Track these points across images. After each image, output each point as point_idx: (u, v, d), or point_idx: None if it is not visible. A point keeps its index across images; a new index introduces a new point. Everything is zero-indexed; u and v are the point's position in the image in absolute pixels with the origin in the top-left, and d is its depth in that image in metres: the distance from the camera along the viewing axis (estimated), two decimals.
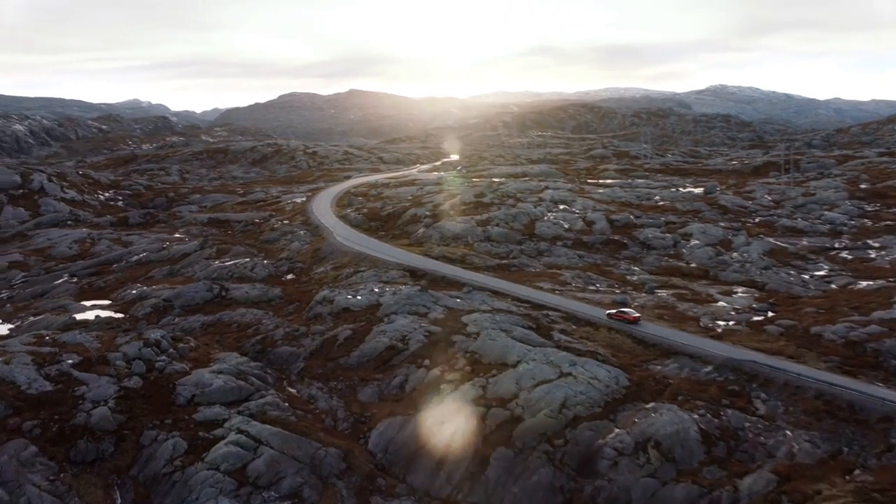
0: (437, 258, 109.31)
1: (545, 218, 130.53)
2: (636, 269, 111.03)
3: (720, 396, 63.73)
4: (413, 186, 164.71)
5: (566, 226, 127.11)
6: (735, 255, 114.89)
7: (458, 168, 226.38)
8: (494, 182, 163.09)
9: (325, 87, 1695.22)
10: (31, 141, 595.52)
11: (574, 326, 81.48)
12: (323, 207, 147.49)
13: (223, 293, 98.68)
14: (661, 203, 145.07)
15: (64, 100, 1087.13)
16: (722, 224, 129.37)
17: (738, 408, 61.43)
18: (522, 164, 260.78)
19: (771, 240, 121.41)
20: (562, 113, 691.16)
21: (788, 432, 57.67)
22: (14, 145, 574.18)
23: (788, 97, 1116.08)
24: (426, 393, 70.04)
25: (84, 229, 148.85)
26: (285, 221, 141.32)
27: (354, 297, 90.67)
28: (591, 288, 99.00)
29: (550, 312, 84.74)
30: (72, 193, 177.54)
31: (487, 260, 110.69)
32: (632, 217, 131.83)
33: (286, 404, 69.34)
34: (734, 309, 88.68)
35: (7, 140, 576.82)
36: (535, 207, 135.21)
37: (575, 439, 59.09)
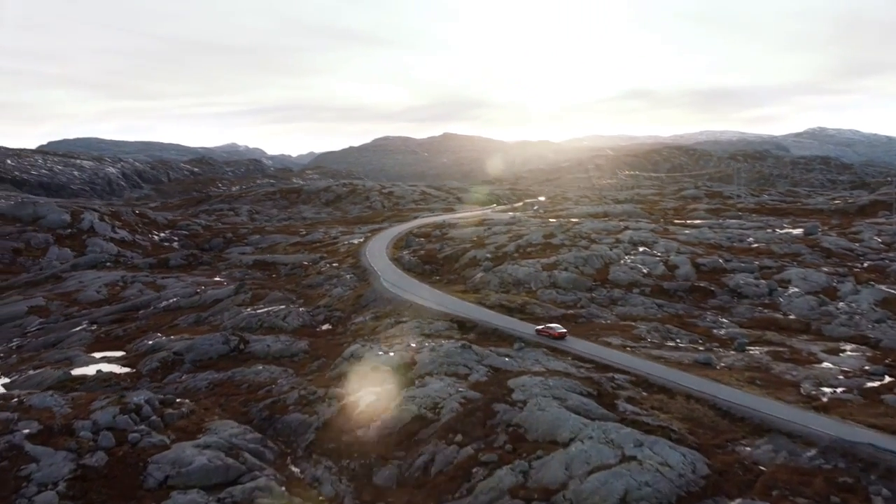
0: (492, 307, 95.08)
1: (621, 261, 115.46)
2: (724, 321, 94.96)
3: (828, 491, 47.81)
4: (481, 227, 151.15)
5: (645, 270, 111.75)
6: (841, 305, 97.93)
7: (536, 208, 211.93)
8: (569, 221, 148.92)
9: (419, 132, 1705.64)
10: (122, 183, 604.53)
11: (644, 393, 66.41)
12: (378, 249, 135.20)
13: (242, 346, 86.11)
14: (755, 245, 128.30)
15: (163, 144, 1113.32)
16: (825, 269, 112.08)
17: None
18: (606, 204, 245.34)
19: (884, 287, 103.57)
20: (656, 155, 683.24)
21: None
22: (106, 187, 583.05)
23: (890, 139, 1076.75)
24: (455, 478, 56.00)
25: (120, 272, 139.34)
26: (334, 264, 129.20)
27: (387, 353, 77.13)
28: (670, 344, 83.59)
29: (617, 375, 69.74)
30: (123, 233, 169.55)
31: (551, 309, 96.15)
32: (721, 261, 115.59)
33: (283, 489, 55.74)
34: (842, 372, 72.40)
35: (99, 182, 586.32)
36: (611, 249, 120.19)
37: None
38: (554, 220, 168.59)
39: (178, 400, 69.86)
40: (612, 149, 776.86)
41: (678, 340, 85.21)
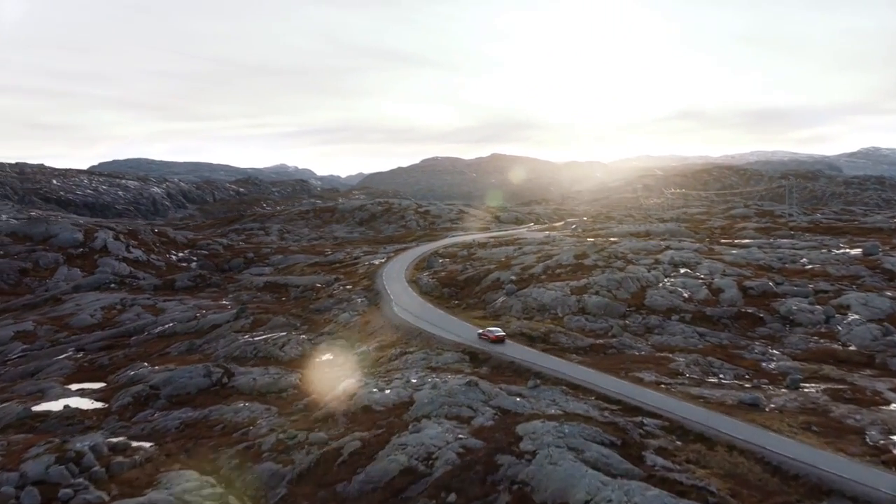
0: (512, 335, 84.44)
1: (660, 284, 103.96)
2: (775, 352, 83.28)
3: None
4: (511, 246, 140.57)
5: (685, 294, 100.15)
6: None
7: (574, 226, 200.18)
8: (605, 241, 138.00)
9: (468, 153, 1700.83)
10: (167, 203, 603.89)
11: (679, 443, 55.52)
12: (397, 270, 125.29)
13: (225, 379, 76.36)
14: (809, 267, 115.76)
15: (212, 164, 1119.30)
16: (889, 294, 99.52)
17: None
18: (650, 223, 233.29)
19: None
20: (706, 175, 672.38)
21: None
22: (150, 207, 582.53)
23: None
24: None
25: (122, 294, 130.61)
26: (348, 287, 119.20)
27: (383, 390, 66.97)
28: (711, 380, 72.38)
29: (647, 420, 58.84)
30: (137, 253, 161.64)
31: (578, 338, 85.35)
32: (771, 284, 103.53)
33: None
34: None
35: (144, 202, 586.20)
36: (649, 271, 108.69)
37: None
38: (592, 239, 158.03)
39: (135, 444, 60.46)
40: (661, 169, 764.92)
41: (721, 376, 74.05)
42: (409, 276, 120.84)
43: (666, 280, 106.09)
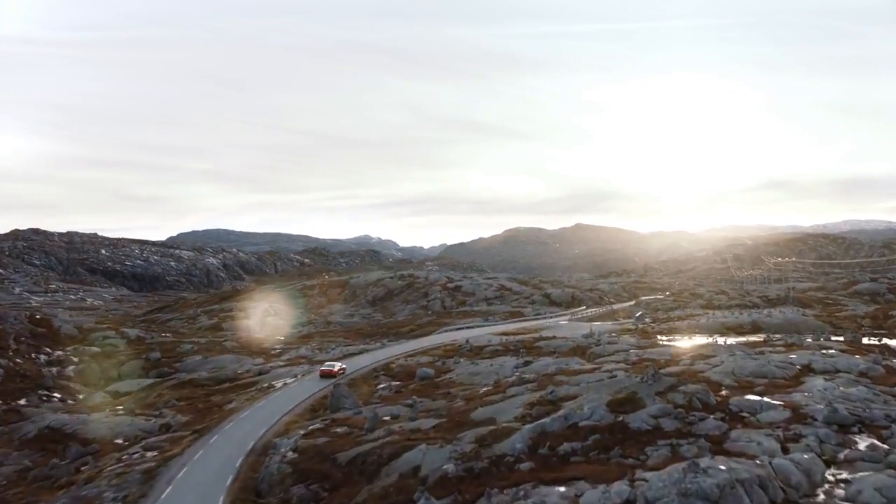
0: None
1: (821, 481, 39.37)
2: None
3: None
4: (509, 359, 77.49)
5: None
6: None
7: (640, 315, 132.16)
8: (683, 351, 73.57)
9: (552, 223, 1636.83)
10: (222, 275, 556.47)
11: None
12: (266, 416, 62.34)
13: None
14: None
15: (291, 235, 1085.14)
16: None
17: None
18: (750, 306, 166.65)
19: None
20: (800, 245, 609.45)
21: None
22: (203, 279, 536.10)
23: None
24: None
25: None
26: (142, 457, 56.68)
27: None
28: None
29: None
30: None
31: None
32: None
33: None
34: None
35: (197, 274, 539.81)
36: (786, 452, 43.80)
37: None
38: (664, 337, 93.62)
39: None
40: (750, 238, 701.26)
41: None
42: (268, 438, 57.43)
43: (830, 473, 41.39)
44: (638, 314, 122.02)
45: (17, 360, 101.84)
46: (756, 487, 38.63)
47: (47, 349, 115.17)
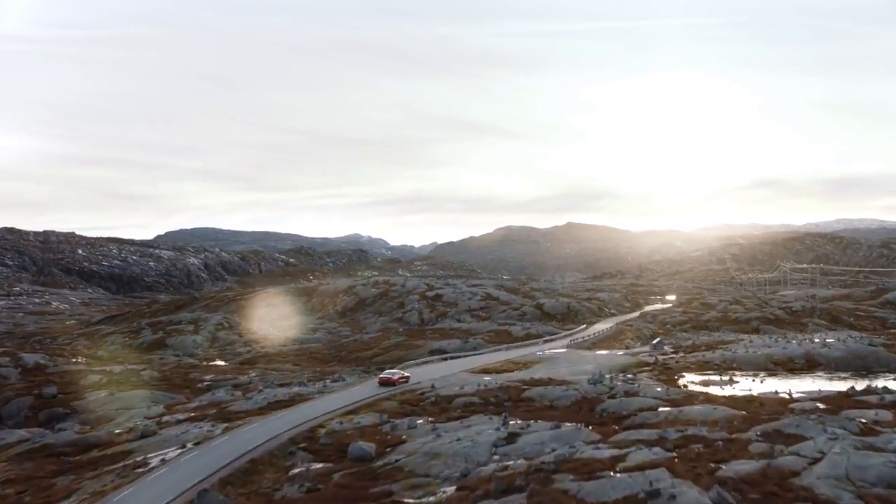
0: None
1: None
2: None
3: None
4: (501, 424, 52.37)
5: None
6: None
7: (657, 341, 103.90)
8: (704, 394, 49.20)
9: (544, 222, 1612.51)
10: (203, 275, 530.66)
11: None
12: None
13: None
14: None
15: (279, 234, 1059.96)
16: None
17: None
18: (773, 319, 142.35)
19: None
20: (797, 244, 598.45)
21: None
22: (184, 280, 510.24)
23: None
24: None
25: None
26: None
27: None
28: None
29: None
30: None
31: None
32: None
33: None
34: None
35: (177, 274, 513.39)
36: None
37: None
38: (695, 379, 69.20)
39: None
40: (743, 237, 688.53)
41: None
42: None
43: None
44: (655, 341, 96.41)
45: None
46: None
47: None
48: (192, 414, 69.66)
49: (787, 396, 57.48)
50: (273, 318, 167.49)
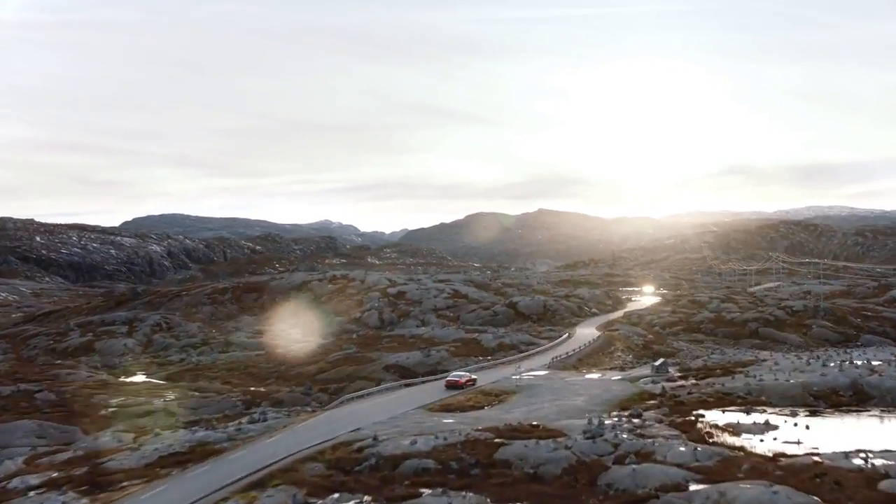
0: None
1: None
2: None
3: None
4: None
5: None
6: None
7: (660, 363, 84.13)
8: (738, 448, 32.36)
9: (515, 208, 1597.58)
10: (166, 263, 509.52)
11: None
12: None
13: None
14: None
15: (249, 220, 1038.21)
16: None
17: None
18: (773, 320, 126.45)
19: None
20: (771, 232, 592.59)
21: None
22: (146, 268, 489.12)
23: None
24: None
25: None
26: None
27: None
28: None
29: None
30: None
31: None
32: None
33: None
34: None
35: (139, 262, 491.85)
36: None
37: None
38: (718, 422, 52.74)
39: None
40: (715, 225, 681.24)
41: None
42: None
43: None
44: (658, 363, 78.51)
45: None
46: None
47: None
48: (54, 475, 51.11)
49: (867, 465, 40.28)
50: (218, 318, 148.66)
